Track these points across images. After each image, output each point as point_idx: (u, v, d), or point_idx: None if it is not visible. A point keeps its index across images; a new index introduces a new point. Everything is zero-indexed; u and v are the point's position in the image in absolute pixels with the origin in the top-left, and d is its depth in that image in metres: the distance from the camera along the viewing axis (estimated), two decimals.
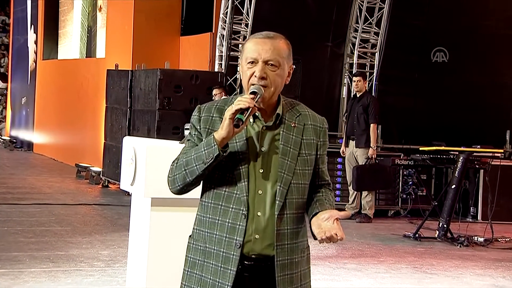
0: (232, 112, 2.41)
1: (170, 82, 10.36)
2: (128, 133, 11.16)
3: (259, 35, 2.54)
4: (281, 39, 2.55)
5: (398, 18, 11.35)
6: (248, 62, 2.51)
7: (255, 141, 2.51)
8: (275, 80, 2.50)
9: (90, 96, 14.29)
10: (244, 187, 2.47)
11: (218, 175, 2.50)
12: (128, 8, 12.70)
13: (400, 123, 11.38)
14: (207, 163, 2.44)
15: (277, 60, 2.50)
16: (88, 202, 10.06)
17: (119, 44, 13.11)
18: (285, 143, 2.51)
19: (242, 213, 2.46)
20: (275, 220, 2.46)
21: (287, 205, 2.49)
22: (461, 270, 7.01)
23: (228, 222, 2.48)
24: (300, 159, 2.52)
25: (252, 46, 2.52)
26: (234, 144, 2.49)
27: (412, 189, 10.27)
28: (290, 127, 2.53)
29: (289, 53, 2.55)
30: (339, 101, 11.58)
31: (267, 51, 2.49)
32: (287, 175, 2.49)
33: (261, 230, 2.47)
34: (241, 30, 11.06)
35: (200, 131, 2.55)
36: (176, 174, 2.52)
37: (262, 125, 2.52)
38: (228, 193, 2.50)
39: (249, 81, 2.51)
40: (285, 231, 2.49)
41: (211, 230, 2.51)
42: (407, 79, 11.47)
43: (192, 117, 2.59)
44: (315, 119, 2.61)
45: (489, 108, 11.53)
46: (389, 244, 8.17)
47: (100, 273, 6.07)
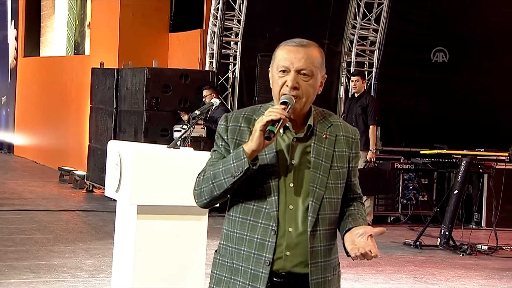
0: (263, 124, 2.42)
1: (158, 82, 10.38)
2: (114, 135, 11.18)
3: (292, 43, 2.55)
4: (315, 47, 2.57)
5: (399, 13, 11.40)
6: (280, 71, 2.52)
7: (285, 154, 2.52)
8: (307, 91, 2.52)
9: (74, 95, 14.30)
10: (274, 202, 2.48)
11: (246, 188, 2.51)
12: (114, 2, 12.71)
13: (401, 124, 11.43)
14: (236, 176, 2.45)
15: (310, 70, 2.51)
16: (71, 208, 10.07)
17: (105, 41, 13.12)
18: (316, 156, 2.53)
19: (272, 228, 2.47)
20: (307, 237, 2.47)
21: (320, 221, 2.50)
22: (463, 280, 7.04)
23: (257, 238, 2.49)
24: (332, 173, 2.54)
25: (285, 54, 2.53)
26: (264, 156, 2.50)
27: (412, 194, 10.31)
28: (321, 138, 2.55)
29: (322, 62, 2.57)
30: (337, 101, 11.62)
31: (300, 60, 2.51)
32: (319, 189, 2.50)
33: (292, 247, 2.48)
34: (233, 27, 11.09)
35: (228, 142, 2.56)
36: (203, 187, 2.53)
37: (292, 137, 2.54)
38: (257, 208, 2.50)
39: (280, 91, 2.52)
40: (319, 249, 2.50)
41: (238, 246, 2.52)
42: (408, 78, 11.51)
43: (218, 126, 2.60)
44: (347, 129, 2.62)
45: (494, 109, 11.58)
46: (388, 252, 8.20)
47: (84, 284, 6.09)
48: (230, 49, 11.18)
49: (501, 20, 11.58)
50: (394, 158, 10.24)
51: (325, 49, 11.65)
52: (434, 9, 11.46)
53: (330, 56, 11.61)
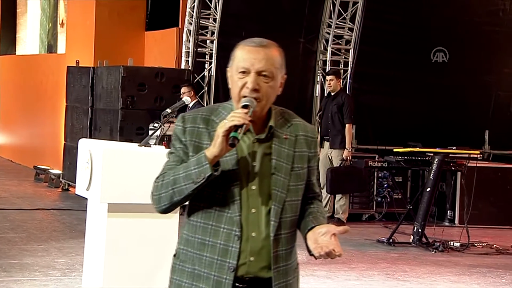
0: (226, 129, 2.36)
1: (134, 80, 10.38)
2: (90, 134, 11.16)
3: (252, 43, 2.48)
4: (275, 47, 2.51)
5: (374, 12, 11.47)
6: (240, 72, 2.47)
7: (246, 156, 2.48)
8: (267, 92, 2.47)
9: (49, 94, 14.24)
10: (237, 206, 2.44)
11: (207, 192, 2.46)
12: (90, 1, 12.68)
13: (376, 123, 11.50)
14: (197, 183, 2.40)
15: (270, 71, 2.47)
16: (46, 207, 10.04)
17: (81, 40, 13.08)
18: (277, 158, 2.49)
19: (235, 234, 2.43)
20: (271, 242, 2.45)
21: (282, 225, 2.47)
22: (434, 277, 7.13)
23: (220, 243, 2.45)
24: (293, 174, 2.51)
25: (244, 54, 2.47)
26: (225, 159, 2.44)
27: (387, 192, 10.39)
28: (282, 139, 2.52)
29: (282, 62, 2.53)
30: (312, 100, 11.67)
31: (260, 61, 2.45)
32: (281, 192, 2.47)
33: (256, 252, 2.45)
34: (209, 25, 11.11)
35: (186, 144, 2.50)
36: (162, 193, 2.46)
37: (253, 139, 2.50)
38: (219, 212, 2.46)
39: (240, 92, 2.47)
40: (281, 253, 2.48)
41: (200, 252, 2.48)
42: (383, 77, 11.59)
43: (175, 127, 2.53)
44: (306, 129, 2.59)
45: (468, 107, 11.69)
46: (361, 249, 8.27)
47: (56, 282, 6.09)
48: (206, 47, 11.20)
49: (474, 20, 11.69)
50: (368, 156, 10.31)
51: (300, 48, 11.76)
52: (408, 8, 11.54)
53: (306, 55, 11.68)
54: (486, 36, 11.70)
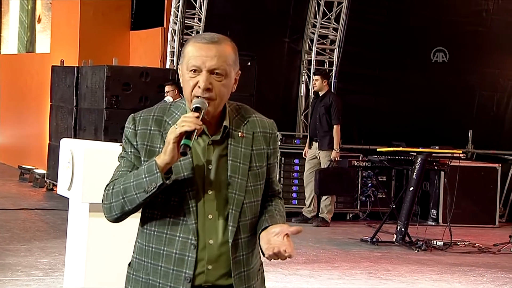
0: (176, 136, 2.24)
1: (118, 80, 10.37)
2: (74, 133, 11.14)
3: (202, 39, 2.36)
4: (227, 42, 2.38)
5: (358, 13, 11.51)
6: (191, 70, 2.34)
7: (201, 159, 2.36)
8: (221, 91, 2.35)
9: (34, 93, 14.20)
10: (192, 213, 2.33)
11: (161, 199, 2.34)
12: (75, 0, 12.65)
13: (360, 122, 11.54)
14: (149, 191, 2.28)
15: (223, 69, 2.34)
16: (30, 207, 10.02)
17: (65, 39, 13.06)
18: (234, 158, 2.38)
19: (191, 242, 2.33)
20: (229, 248, 2.35)
21: (241, 228, 2.37)
22: (416, 275, 7.17)
23: (176, 253, 2.34)
24: (251, 174, 2.40)
25: (195, 51, 2.34)
26: (178, 163, 2.32)
27: (371, 192, 10.44)
28: (238, 138, 2.40)
29: (236, 58, 2.40)
30: (297, 100, 11.70)
31: (212, 59, 2.32)
32: (238, 195, 2.36)
33: (214, 260, 2.35)
34: (194, 25, 11.12)
35: (138, 148, 2.38)
36: (113, 202, 2.35)
37: (208, 140, 2.38)
38: (174, 220, 2.34)
39: (192, 92, 2.34)
40: (241, 258, 2.39)
41: (155, 261, 2.37)
42: (367, 76, 11.64)
43: (125, 129, 2.39)
44: (264, 124, 2.47)
45: (452, 107, 11.75)
46: (345, 249, 8.31)
47: (38, 282, 6.09)
48: None
49: (457, 20, 11.75)
50: (352, 156, 10.35)
51: (285, 48, 11.79)
52: (392, 8, 11.59)
53: (291, 55, 11.72)
54: (469, 36, 11.77)
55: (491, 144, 11.86)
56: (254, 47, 10.87)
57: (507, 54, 11.96)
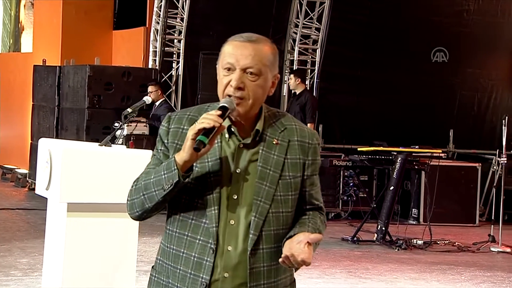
0: (195, 132, 2.19)
1: (100, 79, 10.36)
2: (56, 133, 11.12)
3: (240, 38, 2.31)
4: (266, 43, 2.33)
5: (340, 13, 11.56)
6: (225, 68, 2.28)
7: (229, 162, 2.28)
8: (254, 92, 2.26)
9: (16, 93, 14.14)
10: (214, 216, 2.26)
11: (185, 200, 2.29)
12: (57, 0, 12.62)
13: (343, 122, 11.60)
14: (166, 189, 2.23)
15: (258, 68, 2.27)
16: (11, 207, 9.98)
17: (48, 39, 13.02)
18: (263, 165, 2.28)
19: (210, 246, 2.26)
20: (247, 256, 2.26)
21: (263, 238, 2.27)
22: (396, 274, 7.22)
23: (194, 256, 2.28)
24: (282, 183, 2.30)
25: (231, 50, 2.28)
26: (206, 164, 2.27)
27: (353, 191, 10.47)
28: (271, 144, 2.31)
29: (274, 60, 2.33)
30: (280, 99, 11.73)
31: (246, 57, 2.26)
32: (264, 203, 2.27)
33: (231, 268, 2.26)
34: (177, 25, 11.12)
35: (168, 146, 2.32)
36: (135, 198, 2.31)
37: (238, 143, 2.30)
38: (196, 222, 2.28)
39: (224, 91, 2.28)
40: (261, 269, 2.27)
41: (175, 264, 2.32)
42: (349, 76, 11.69)
43: (160, 128, 2.36)
44: (303, 133, 2.37)
45: (434, 107, 11.83)
46: (326, 248, 8.34)
47: (16, 282, 6.09)
48: (173, 47, 11.21)
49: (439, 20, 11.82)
50: (333, 155, 10.39)
51: None
52: (374, 8, 11.64)
53: None
54: (450, 37, 11.84)
55: (471, 144, 11.94)
56: None
57: (488, 54, 12.05)
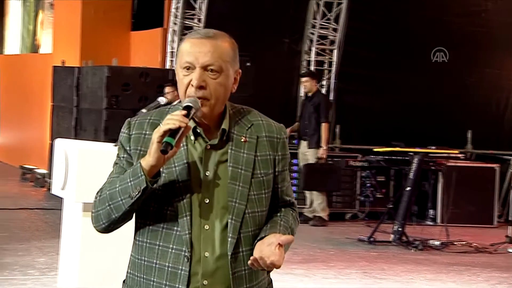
0: (160, 134, 2.08)
1: (118, 80, 10.41)
2: (75, 134, 11.19)
3: (197, 35, 2.21)
4: (224, 38, 2.21)
5: (357, 13, 11.54)
6: (184, 68, 2.18)
7: (198, 165, 2.18)
8: (216, 90, 2.17)
9: (36, 93, 14.27)
10: (186, 223, 2.15)
11: (154, 208, 2.17)
12: (76, 0, 12.71)
13: (360, 122, 11.57)
14: (134, 197, 2.11)
15: (218, 65, 2.16)
16: (30, 207, 10.06)
17: (67, 39, 13.12)
18: (234, 164, 2.19)
19: (184, 255, 2.15)
20: (228, 261, 2.16)
21: (242, 240, 2.18)
22: (412, 275, 7.20)
23: (168, 266, 2.16)
24: (255, 182, 2.20)
25: (189, 48, 2.18)
26: (172, 169, 2.17)
27: (370, 192, 10.45)
28: (240, 143, 2.21)
29: (234, 55, 2.22)
30: (296, 100, 11.72)
31: (205, 54, 2.15)
32: (239, 204, 2.17)
33: (210, 274, 2.16)
34: (194, 26, 11.15)
35: (131, 153, 2.22)
36: (100, 210, 2.19)
37: (205, 145, 2.20)
38: (167, 231, 2.16)
39: (186, 92, 2.18)
40: (242, 273, 2.19)
41: (147, 276, 2.19)
42: (367, 77, 11.66)
43: (120, 134, 2.25)
44: (271, 128, 2.27)
45: (451, 107, 11.75)
46: (341, 248, 8.34)
47: (33, 281, 6.14)
48: None
49: (456, 20, 11.77)
50: (349, 156, 10.37)
51: (285, 48, 11.82)
52: (391, 9, 11.61)
53: (291, 55, 11.75)
54: (468, 37, 11.77)
55: (490, 144, 11.86)
56: (254, 48, 10.92)
57: (507, 54, 11.97)
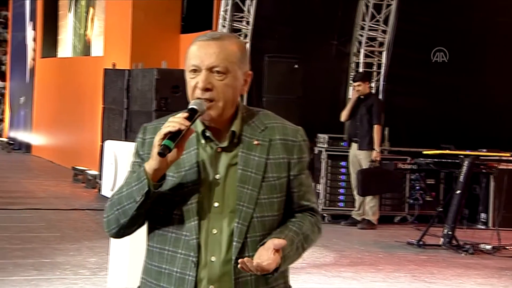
0: (160, 137, 2.05)
1: (167, 82, 10.50)
2: (125, 135, 11.31)
3: (203, 37, 2.19)
4: (231, 39, 2.20)
5: (407, 14, 11.42)
6: (191, 71, 2.16)
7: (208, 168, 2.15)
8: (224, 92, 2.14)
9: (88, 96, 14.49)
10: (194, 228, 2.12)
11: (163, 212, 2.16)
12: (127, 4, 12.87)
13: (409, 124, 11.45)
14: (138, 201, 2.10)
15: (224, 66, 2.14)
16: (81, 207, 10.22)
17: (117, 42, 13.29)
18: (244, 167, 2.15)
19: (191, 260, 2.12)
20: (232, 266, 2.12)
21: (249, 245, 2.13)
22: (462, 279, 7.09)
23: (176, 271, 2.14)
24: (266, 185, 2.15)
25: (195, 51, 2.17)
26: (182, 173, 2.14)
27: (419, 194, 10.32)
28: (251, 145, 2.17)
29: (242, 57, 2.19)
30: (345, 102, 11.64)
31: (211, 56, 2.13)
32: (247, 207, 2.13)
33: (216, 279, 2.13)
34: (242, 28, 11.18)
35: (143, 158, 2.18)
36: (110, 214, 2.18)
37: (216, 148, 2.17)
38: (176, 236, 2.15)
39: (193, 95, 2.15)
40: (248, 279, 2.13)
41: (157, 281, 2.18)
42: (416, 78, 11.54)
43: (136, 139, 2.25)
44: (286, 131, 2.22)
45: (503, 109, 11.56)
46: (390, 251, 8.26)
47: (84, 281, 6.23)
48: None
49: (507, 20, 11.57)
50: (399, 158, 10.27)
51: (333, 50, 11.76)
52: (441, 10, 11.47)
53: (339, 57, 11.69)
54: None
55: None
56: (302, 50, 10.90)
57: None
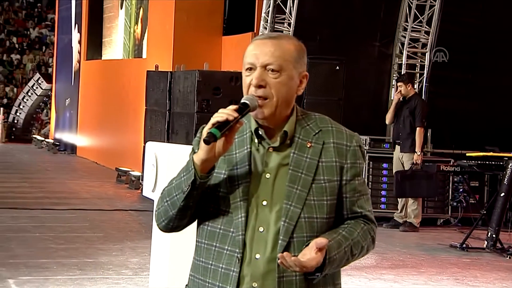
0: (209, 127, 2.08)
1: (209, 84, 10.53)
2: (167, 137, 11.39)
3: (260, 36, 2.21)
4: (288, 39, 2.20)
5: (451, 15, 11.29)
6: (247, 69, 2.17)
7: (259, 166, 2.16)
8: (278, 89, 2.14)
9: (131, 98, 14.63)
10: (240, 224, 2.13)
11: (213, 209, 2.17)
12: (169, 6, 12.97)
13: (452, 126, 11.32)
14: (185, 192, 2.12)
15: (278, 64, 2.14)
16: (124, 208, 10.32)
17: (160, 44, 13.40)
18: (295, 168, 2.15)
19: (236, 256, 2.13)
20: (276, 264, 2.10)
21: (295, 245, 2.12)
22: (506, 282, 6.98)
23: (222, 267, 2.15)
24: (316, 187, 2.15)
25: (252, 49, 2.18)
26: (234, 170, 2.16)
27: (463, 197, 10.20)
28: (304, 147, 2.17)
29: (298, 57, 2.18)
30: (387, 104, 11.56)
31: (266, 54, 2.14)
32: (294, 207, 2.13)
33: (259, 277, 2.12)
34: (284, 30, 11.16)
35: None
36: (160, 207, 2.21)
37: (268, 147, 2.18)
38: (224, 232, 2.16)
39: (247, 92, 2.17)
40: (293, 278, 2.12)
41: (204, 277, 2.19)
42: (460, 80, 11.41)
43: (194, 139, 2.28)
44: (340, 135, 2.21)
45: None
46: (433, 254, 8.17)
47: (127, 281, 6.28)
48: None
49: None
50: (441, 161, 10.15)
51: (376, 51, 11.69)
52: (486, 10, 11.31)
53: (381, 59, 11.61)
54: None
55: None
56: (343, 51, 10.84)
57: None
